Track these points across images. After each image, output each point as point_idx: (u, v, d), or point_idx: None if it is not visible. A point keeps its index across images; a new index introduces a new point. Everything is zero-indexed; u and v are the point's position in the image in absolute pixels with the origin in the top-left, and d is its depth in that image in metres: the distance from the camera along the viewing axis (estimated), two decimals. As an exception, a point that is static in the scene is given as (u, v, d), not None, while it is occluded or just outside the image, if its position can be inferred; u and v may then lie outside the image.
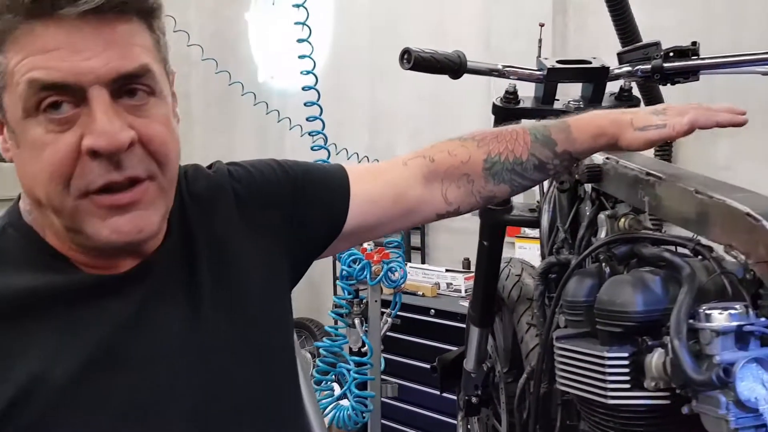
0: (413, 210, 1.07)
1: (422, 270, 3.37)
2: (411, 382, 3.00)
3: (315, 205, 1.00)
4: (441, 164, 1.07)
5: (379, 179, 1.06)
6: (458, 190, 1.07)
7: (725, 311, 0.94)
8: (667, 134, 1.05)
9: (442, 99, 3.57)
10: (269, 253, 0.94)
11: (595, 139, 1.08)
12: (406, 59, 1.28)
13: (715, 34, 2.59)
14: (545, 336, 1.30)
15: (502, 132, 1.11)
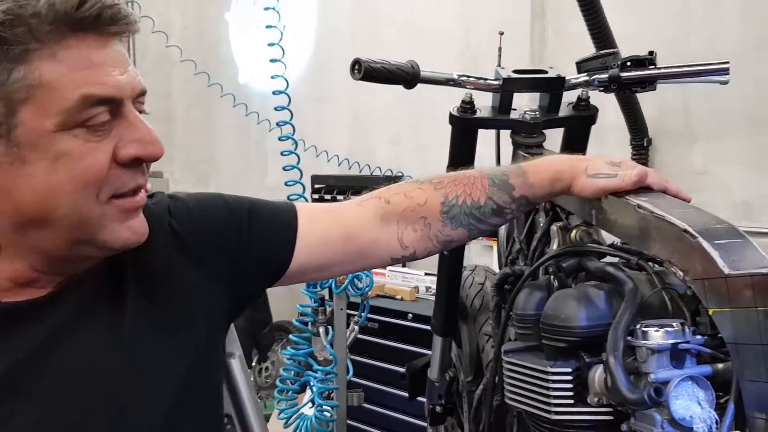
0: (366, 252, 1.04)
1: (401, 274, 3.36)
2: (387, 385, 2.99)
3: (259, 243, 0.98)
4: (397, 206, 1.05)
5: (330, 218, 1.04)
6: (414, 234, 1.05)
7: (661, 329, 0.94)
8: (616, 184, 1.05)
9: (423, 102, 3.55)
10: (204, 290, 0.93)
11: (552, 184, 1.09)
12: (356, 70, 1.27)
13: (691, 39, 2.59)
14: (497, 348, 1.29)
15: (459, 176, 1.09)
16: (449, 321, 1.70)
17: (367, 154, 3.80)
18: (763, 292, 0.82)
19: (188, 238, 0.93)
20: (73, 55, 0.75)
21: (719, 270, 0.89)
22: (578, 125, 1.42)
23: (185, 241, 0.93)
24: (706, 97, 2.57)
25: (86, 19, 0.75)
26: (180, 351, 0.88)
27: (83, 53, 0.75)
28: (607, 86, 1.38)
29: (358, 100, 4.02)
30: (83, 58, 0.75)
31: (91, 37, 0.76)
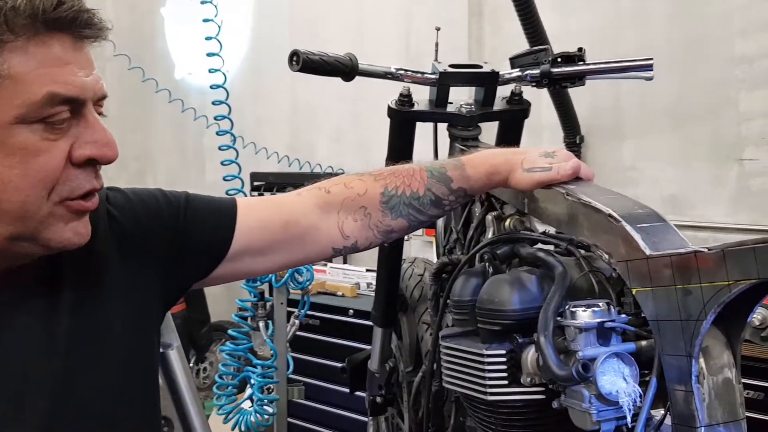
0: (307, 238, 1.05)
1: (342, 270, 3.37)
2: (328, 381, 3.00)
3: (197, 227, 0.98)
4: (337, 195, 1.07)
5: (269, 205, 1.06)
6: (355, 223, 1.07)
7: (588, 309, 0.98)
8: (551, 177, 1.09)
9: (364, 97, 3.58)
10: (141, 278, 0.93)
11: (489, 177, 1.12)
12: (294, 61, 1.28)
13: (623, 38, 2.69)
14: (435, 335, 1.32)
15: (398, 168, 1.12)
16: (389, 312, 1.72)
17: (308, 151, 3.80)
18: (682, 270, 0.87)
19: (126, 223, 0.93)
20: (44, 52, 0.76)
21: (641, 251, 0.94)
22: (512, 119, 1.46)
23: (123, 226, 0.93)
24: (635, 96, 2.68)
25: (62, 19, 0.76)
26: (115, 343, 0.88)
27: (55, 52, 0.76)
28: (538, 81, 1.43)
29: (298, 96, 4.01)
30: (54, 57, 0.76)
31: (65, 37, 0.77)
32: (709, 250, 0.84)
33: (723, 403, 0.89)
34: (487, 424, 1.16)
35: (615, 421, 0.96)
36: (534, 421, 1.11)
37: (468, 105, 1.43)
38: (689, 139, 2.57)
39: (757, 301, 0.86)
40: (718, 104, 2.50)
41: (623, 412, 0.95)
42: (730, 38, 2.45)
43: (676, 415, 0.90)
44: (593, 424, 0.96)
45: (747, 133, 2.45)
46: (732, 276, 0.81)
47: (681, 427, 0.89)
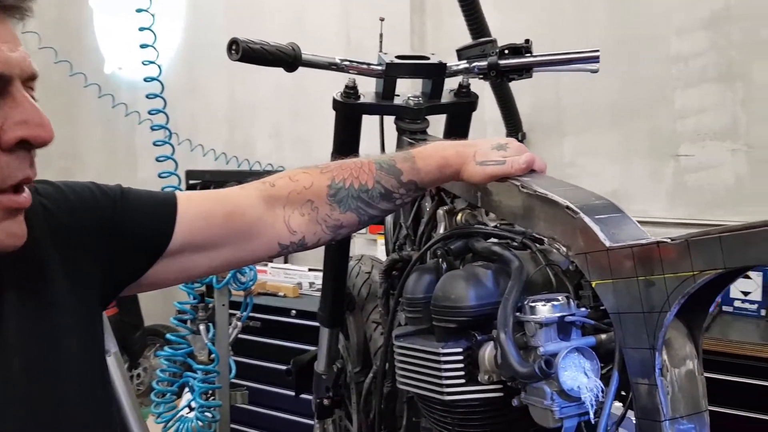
0: (251, 232, 0.99)
1: (284, 270, 3.30)
2: (270, 385, 2.93)
3: (135, 219, 0.92)
4: (282, 188, 1.02)
5: (211, 198, 0.99)
6: (302, 218, 1.02)
7: (548, 303, 0.96)
8: (505, 170, 1.07)
9: (304, 93, 3.52)
10: (81, 273, 0.86)
11: (440, 170, 1.08)
12: (234, 50, 1.22)
13: (563, 36, 2.71)
14: (387, 334, 1.28)
15: (345, 161, 1.07)
16: (336, 312, 1.67)
17: (246, 148, 3.71)
18: (643, 261, 0.86)
19: (61, 215, 0.86)
20: None
21: (601, 243, 0.91)
22: (460, 111, 1.44)
23: (58, 218, 0.86)
24: (575, 93, 2.71)
25: None
26: (67, 341, 0.81)
27: None
28: (486, 73, 1.40)
29: (235, 91, 3.91)
30: None
31: None
32: (673, 240, 0.82)
33: (686, 396, 0.88)
34: (444, 424, 1.13)
35: (577, 417, 0.94)
36: (492, 420, 1.08)
37: (415, 97, 1.39)
38: (628, 136, 2.61)
39: (719, 292, 0.85)
40: (656, 102, 2.55)
41: (585, 408, 0.92)
42: (667, 37, 2.50)
43: (639, 408, 0.88)
44: (556, 421, 0.93)
45: (683, 129, 2.51)
46: (697, 266, 0.79)
47: (644, 422, 0.87)
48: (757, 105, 2.36)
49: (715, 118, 2.43)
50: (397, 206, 1.11)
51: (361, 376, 1.69)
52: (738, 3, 2.36)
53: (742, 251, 0.74)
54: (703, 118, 2.45)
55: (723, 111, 2.41)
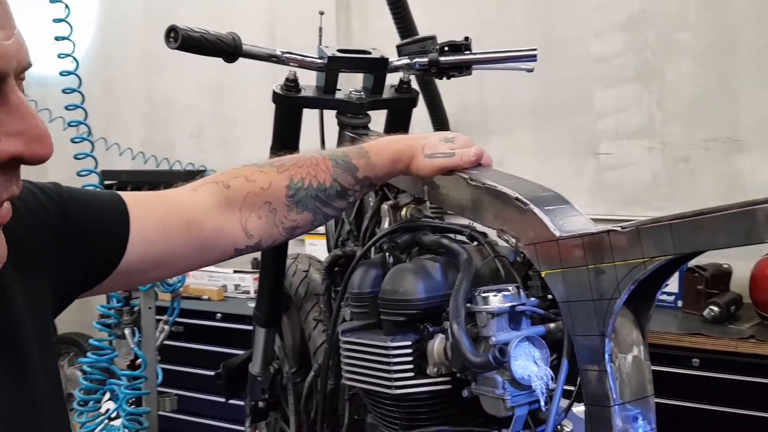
0: (210, 242, 0.93)
1: (207, 273, 3.21)
2: (195, 392, 2.84)
3: (86, 231, 0.81)
4: (238, 190, 0.95)
5: (166, 203, 0.90)
6: (259, 221, 0.96)
7: (499, 293, 0.97)
8: (454, 163, 1.07)
9: (226, 91, 3.44)
10: (35, 282, 0.76)
11: (393, 164, 1.07)
12: (172, 38, 1.17)
13: (488, 37, 2.76)
14: (331, 330, 1.27)
15: (300, 158, 1.03)
16: (274, 311, 1.64)
17: (166, 148, 3.58)
18: (593, 250, 0.88)
19: (12, 228, 0.72)
20: None
21: (551, 233, 0.94)
22: (401, 107, 1.44)
23: (10, 232, 0.72)
24: (500, 93, 2.77)
25: None
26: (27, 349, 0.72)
27: None
28: (427, 69, 1.41)
29: (154, 88, 3.78)
30: None
31: None
32: (623, 228, 0.85)
33: (633, 381, 0.91)
34: (391, 419, 1.12)
35: (528, 405, 0.96)
36: (440, 413, 1.09)
37: (358, 92, 1.38)
38: (551, 135, 2.69)
39: (665, 278, 0.88)
40: (577, 102, 2.64)
41: (536, 396, 0.94)
42: (586, 39, 2.59)
43: (588, 395, 0.90)
44: (507, 410, 0.95)
45: (602, 128, 2.61)
46: (647, 253, 0.82)
47: (594, 407, 0.90)
48: (671, 104, 2.48)
49: (632, 118, 2.54)
50: (350, 203, 1.10)
51: (298, 377, 1.67)
52: (652, 6, 2.48)
53: (692, 237, 0.77)
54: (622, 118, 2.55)
55: (640, 110, 2.52)
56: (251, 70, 3.42)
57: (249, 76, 3.20)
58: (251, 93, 3.30)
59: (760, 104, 2.35)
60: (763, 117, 2.35)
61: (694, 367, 2.06)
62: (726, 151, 2.42)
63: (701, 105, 2.45)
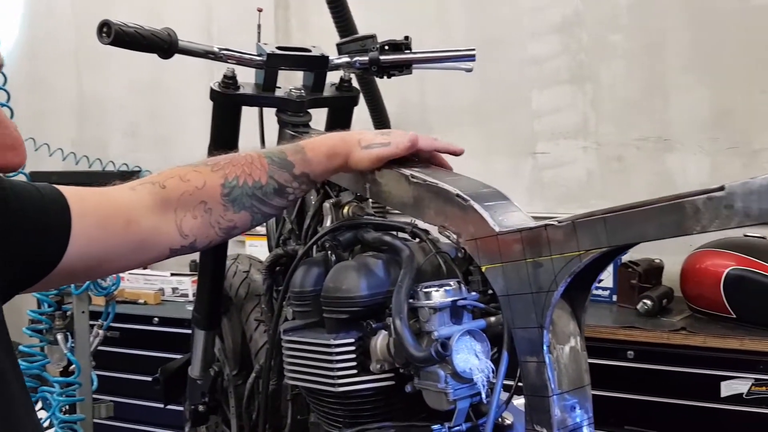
0: (147, 242, 0.92)
1: (143, 276, 3.13)
2: (133, 398, 2.77)
3: (24, 224, 0.78)
4: (173, 191, 0.95)
5: (106, 201, 0.89)
6: (194, 221, 0.96)
7: (441, 289, 0.98)
8: (391, 152, 1.07)
9: (163, 89, 3.36)
10: None
11: (330, 159, 1.07)
12: (105, 33, 1.14)
13: (427, 38, 2.79)
14: (273, 330, 1.25)
15: (235, 157, 1.02)
16: (214, 313, 1.61)
17: (98, 148, 3.49)
18: (532, 244, 0.90)
19: None
20: None
21: (491, 229, 0.95)
22: (342, 105, 1.44)
23: None
24: (439, 93, 2.80)
25: None
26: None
27: None
28: (367, 68, 1.41)
29: (85, 86, 3.66)
30: None
31: None
32: (560, 222, 0.87)
33: (570, 371, 0.93)
34: (335, 417, 1.12)
35: (470, 398, 0.97)
36: (383, 409, 1.09)
37: (298, 90, 1.38)
38: (489, 135, 2.73)
39: (600, 270, 0.91)
40: (514, 102, 2.69)
41: (478, 389, 0.96)
42: (523, 41, 2.64)
43: (528, 386, 0.92)
44: (449, 403, 0.96)
45: (539, 128, 2.66)
46: (583, 246, 0.84)
47: (533, 398, 0.92)
48: (605, 105, 2.56)
49: (567, 118, 2.60)
50: (290, 202, 1.09)
51: (239, 379, 1.65)
52: (586, 9, 2.55)
53: (624, 230, 0.80)
54: (558, 118, 2.62)
55: (575, 111, 2.59)
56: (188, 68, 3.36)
57: (186, 74, 3.14)
58: (188, 91, 3.25)
59: (689, 105, 2.45)
60: (692, 117, 2.45)
61: (629, 359, 2.13)
62: (657, 150, 2.50)
63: (633, 106, 2.53)
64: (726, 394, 2.02)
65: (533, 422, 0.91)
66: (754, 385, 1.99)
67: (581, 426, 0.91)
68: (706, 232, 0.72)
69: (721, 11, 2.38)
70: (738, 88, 2.38)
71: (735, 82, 2.38)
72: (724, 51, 2.39)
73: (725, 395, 2.02)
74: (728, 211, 0.69)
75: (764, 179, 0.65)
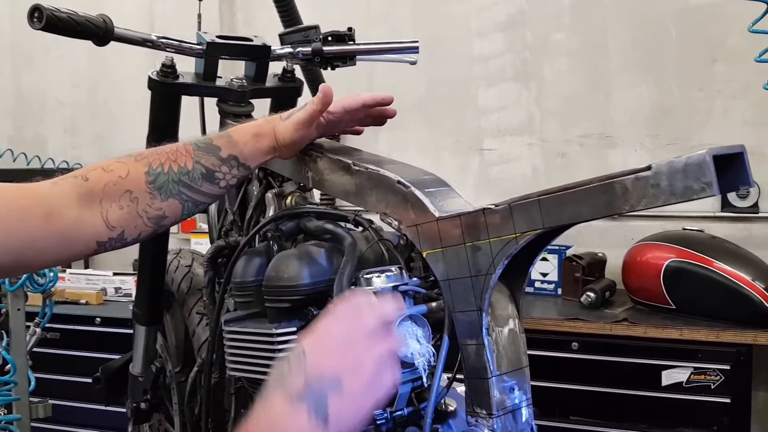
0: (70, 235, 0.90)
1: (85, 276, 3.06)
2: (74, 401, 2.70)
3: None
4: (97, 182, 0.93)
5: (25, 192, 0.87)
6: (121, 211, 0.94)
7: (382, 274, 0.98)
8: (308, 110, 1.07)
9: (103, 84, 3.28)
10: None
11: (256, 139, 1.06)
12: (36, 18, 1.10)
13: (373, 36, 2.79)
14: (214, 322, 1.23)
15: (160, 147, 1.02)
16: (154, 308, 1.58)
17: (36, 145, 3.39)
18: (470, 228, 0.91)
19: None
20: None
21: (431, 214, 0.96)
22: (285, 96, 1.42)
23: None
24: (387, 89, 2.78)
25: None
26: None
27: None
28: (310, 59, 1.40)
29: (22, 81, 3.55)
30: None
31: None
32: (497, 206, 0.88)
33: (509, 353, 0.94)
34: (278, 408, 1.10)
35: (411, 383, 0.97)
36: (327, 398, 1.08)
37: (239, 79, 1.36)
38: (437, 132, 2.76)
39: (537, 253, 0.92)
40: (461, 100, 2.72)
41: (419, 373, 0.96)
42: (469, 39, 2.67)
43: (468, 369, 0.93)
44: (391, 388, 0.95)
45: (486, 126, 2.70)
46: (519, 228, 0.85)
47: (473, 380, 0.93)
48: (549, 102, 2.61)
49: (513, 115, 2.64)
50: (222, 188, 1.07)
51: (182, 376, 1.61)
52: (530, 8, 2.59)
53: (558, 211, 0.81)
54: (503, 115, 2.65)
55: (520, 108, 2.63)
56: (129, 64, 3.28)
57: (127, 70, 3.08)
58: (129, 87, 3.18)
59: (630, 102, 2.52)
60: (632, 114, 2.52)
61: (573, 351, 2.17)
62: (599, 146, 2.56)
63: (576, 103, 2.58)
64: (667, 383, 2.08)
65: (473, 404, 0.92)
66: (693, 374, 2.05)
67: (520, 407, 0.92)
68: (634, 211, 0.74)
69: (660, 11, 2.45)
70: (677, 87, 2.46)
71: (674, 80, 2.46)
72: (663, 50, 2.46)
73: (666, 384, 2.08)
74: (655, 189, 0.71)
75: (688, 158, 0.67)
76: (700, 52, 2.41)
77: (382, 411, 0.96)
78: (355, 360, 0.69)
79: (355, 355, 0.69)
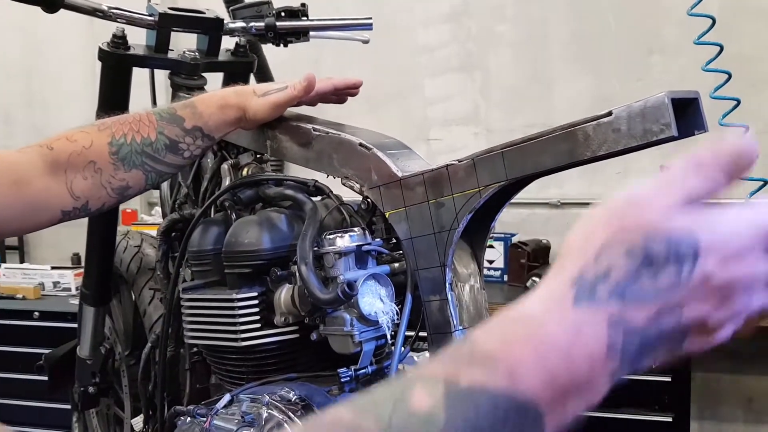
0: (38, 204, 0.90)
1: (21, 270, 2.95)
2: (12, 398, 2.60)
3: None
4: (62, 151, 0.93)
5: None
6: (85, 182, 0.95)
7: (345, 234, 0.99)
8: (289, 94, 1.07)
9: (39, 72, 3.18)
10: None
11: (222, 110, 1.05)
12: (-15, -24, 1.06)
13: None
14: (170, 294, 1.22)
15: (123, 116, 1.02)
16: (103, 288, 1.54)
17: (-31, 136, 3.24)
18: (434, 185, 0.92)
19: None
20: None
21: (394, 174, 0.97)
22: (238, 71, 1.41)
23: None
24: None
25: None
26: None
27: None
28: (263, 34, 1.40)
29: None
30: None
31: None
32: (460, 161, 0.90)
33: (471, 309, 0.96)
34: (238, 374, 1.10)
35: (375, 341, 0.98)
36: (288, 362, 1.08)
37: (192, 52, 1.34)
38: (383, 122, 2.77)
39: (500, 208, 0.95)
40: (408, 89, 2.75)
41: (383, 331, 0.97)
42: (414, 29, 2.71)
43: (431, 325, 0.95)
44: (355, 345, 0.97)
45: (432, 115, 2.73)
46: (482, 182, 0.87)
47: (437, 336, 0.94)
48: (493, 92, 2.66)
49: (459, 105, 2.69)
50: (186, 159, 1.07)
51: (132, 359, 1.58)
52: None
53: (522, 162, 0.84)
54: (449, 105, 2.70)
55: (465, 98, 2.68)
56: (65, 51, 3.18)
57: (62, 58, 2.99)
58: (65, 76, 3.09)
59: (571, 92, 2.59)
60: (574, 104, 2.60)
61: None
62: (541, 135, 2.63)
63: (520, 93, 2.65)
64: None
65: (437, 358, 0.93)
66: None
67: (482, 359, 0.94)
68: (596, 158, 0.77)
69: (600, 4, 2.54)
70: (616, 77, 2.55)
71: (613, 71, 2.55)
72: (602, 41, 2.55)
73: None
74: (615, 134, 0.74)
75: (646, 100, 0.71)
76: (637, 42, 2.51)
77: (347, 369, 0.97)
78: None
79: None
